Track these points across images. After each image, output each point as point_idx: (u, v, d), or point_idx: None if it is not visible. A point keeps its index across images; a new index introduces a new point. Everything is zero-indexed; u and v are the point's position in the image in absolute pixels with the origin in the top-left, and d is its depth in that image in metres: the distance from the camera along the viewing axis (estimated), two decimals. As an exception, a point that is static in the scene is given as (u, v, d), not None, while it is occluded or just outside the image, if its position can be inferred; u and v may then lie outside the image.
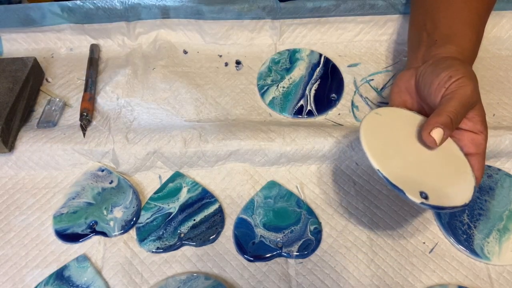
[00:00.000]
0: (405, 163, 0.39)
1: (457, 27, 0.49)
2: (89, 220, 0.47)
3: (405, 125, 0.43)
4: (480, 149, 0.42)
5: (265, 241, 0.46)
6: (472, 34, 0.49)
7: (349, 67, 0.61)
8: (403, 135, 0.42)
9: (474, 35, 0.49)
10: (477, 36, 0.50)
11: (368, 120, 0.42)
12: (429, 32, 0.50)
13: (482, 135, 0.42)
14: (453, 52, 0.46)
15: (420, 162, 0.40)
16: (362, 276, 0.44)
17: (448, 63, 0.44)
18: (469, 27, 0.49)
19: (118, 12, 0.60)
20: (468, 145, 0.42)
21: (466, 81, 0.41)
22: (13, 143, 0.50)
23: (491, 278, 0.44)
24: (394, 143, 0.41)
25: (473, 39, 0.49)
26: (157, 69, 0.59)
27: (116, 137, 0.51)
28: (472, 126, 0.42)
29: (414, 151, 0.41)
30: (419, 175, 0.39)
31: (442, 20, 0.50)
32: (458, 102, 0.40)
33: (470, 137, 0.42)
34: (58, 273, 0.44)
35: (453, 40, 0.48)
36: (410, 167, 0.39)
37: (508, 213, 0.48)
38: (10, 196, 0.49)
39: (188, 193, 0.49)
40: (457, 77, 0.41)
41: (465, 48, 0.47)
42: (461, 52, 0.47)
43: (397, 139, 0.41)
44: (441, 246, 0.46)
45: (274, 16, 0.62)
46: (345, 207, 0.49)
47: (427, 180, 0.38)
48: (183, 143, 0.50)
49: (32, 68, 0.55)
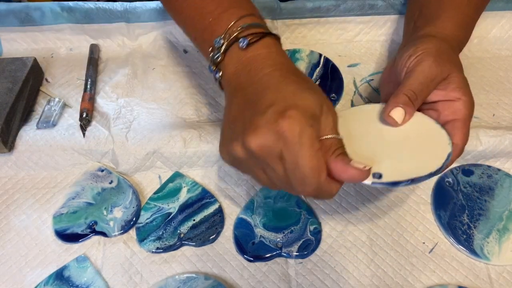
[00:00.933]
0: (367, 152, 0.38)
1: (441, 11, 0.48)
2: (89, 220, 0.47)
3: (369, 117, 0.42)
4: (458, 114, 0.40)
5: (265, 241, 0.46)
6: (457, 14, 0.48)
7: (349, 67, 0.61)
8: (366, 127, 0.41)
9: (460, 16, 0.48)
10: (463, 17, 0.48)
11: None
12: (415, 21, 0.50)
13: (460, 101, 0.40)
14: (428, 31, 0.46)
15: (387, 146, 0.39)
16: (362, 276, 0.44)
17: (413, 42, 0.43)
18: (454, 9, 0.48)
19: (118, 13, 0.60)
20: (444, 113, 0.41)
21: (424, 57, 0.41)
22: (12, 143, 0.50)
23: (491, 278, 0.44)
24: (356, 137, 0.40)
25: (458, 19, 0.48)
26: (157, 69, 0.59)
27: (116, 137, 0.51)
28: (446, 94, 0.41)
29: (380, 138, 0.40)
30: (382, 159, 0.38)
31: (429, 8, 0.50)
32: (415, 79, 0.40)
33: (446, 105, 0.41)
34: (58, 273, 0.44)
35: (433, 22, 0.47)
36: (372, 154, 0.38)
37: (508, 213, 0.48)
38: (10, 196, 0.49)
39: (188, 193, 0.49)
40: (416, 55, 0.41)
41: (445, 27, 0.46)
42: (439, 31, 0.46)
43: (359, 132, 0.41)
44: (441, 246, 0.46)
45: (274, 16, 0.62)
46: (345, 207, 0.49)
47: (392, 161, 0.38)
48: (183, 143, 0.50)
49: (31, 68, 0.55)
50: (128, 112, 0.54)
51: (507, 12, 0.62)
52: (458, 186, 0.50)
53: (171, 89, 0.57)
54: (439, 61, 0.41)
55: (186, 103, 0.56)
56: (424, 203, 0.49)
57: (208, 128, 0.52)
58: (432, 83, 0.41)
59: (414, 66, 0.41)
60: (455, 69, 0.42)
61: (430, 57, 0.41)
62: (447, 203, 0.49)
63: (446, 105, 0.41)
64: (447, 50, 0.43)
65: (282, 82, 0.35)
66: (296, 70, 0.38)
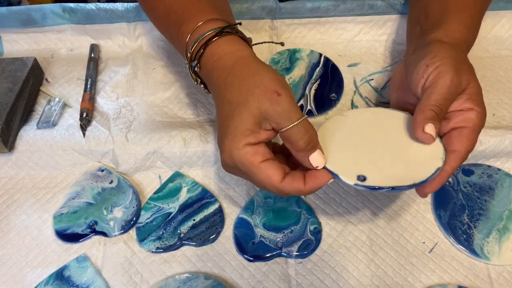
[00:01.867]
0: (359, 157, 0.39)
1: (448, 13, 0.48)
2: (89, 220, 0.47)
3: (373, 121, 0.42)
4: (468, 123, 0.39)
5: (265, 241, 0.46)
6: (464, 16, 0.47)
7: (349, 67, 0.61)
8: (367, 131, 0.41)
9: (467, 17, 0.47)
10: (471, 18, 0.48)
11: (330, 122, 0.42)
12: (421, 24, 0.50)
13: (473, 112, 0.40)
14: (439, 36, 0.45)
15: (380, 151, 0.39)
16: (362, 276, 0.44)
17: (428, 49, 0.42)
18: (461, 11, 0.48)
19: (119, 13, 0.60)
20: (455, 120, 0.40)
21: (444, 68, 0.40)
22: (13, 143, 0.50)
23: (491, 278, 0.44)
24: (353, 139, 0.40)
25: (466, 21, 0.47)
26: (157, 69, 0.59)
27: (116, 137, 0.51)
28: (460, 104, 0.40)
29: (375, 143, 0.40)
30: (373, 163, 0.38)
31: (434, 10, 0.49)
32: (439, 95, 0.39)
33: (458, 113, 0.40)
34: (58, 273, 0.44)
35: (441, 25, 0.46)
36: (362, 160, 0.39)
37: (508, 213, 0.48)
38: (10, 196, 0.49)
39: (188, 193, 0.49)
40: (435, 66, 0.40)
41: (455, 30, 0.46)
42: (449, 34, 0.45)
43: (358, 135, 0.41)
44: (441, 246, 0.46)
45: (273, 16, 0.62)
46: (345, 207, 0.49)
47: (380, 166, 0.38)
48: (183, 143, 0.50)
49: (32, 68, 0.55)
50: (128, 112, 0.54)
51: (507, 12, 0.62)
52: (458, 186, 0.50)
53: (171, 89, 0.57)
54: (459, 72, 0.40)
55: (186, 103, 0.56)
56: (424, 203, 0.49)
57: (208, 128, 0.52)
58: (454, 96, 0.40)
59: (435, 79, 0.40)
60: (473, 79, 0.41)
61: (451, 69, 0.40)
62: (447, 203, 0.49)
63: (458, 113, 0.40)
64: (464, 59, 0.43)
65: (220, 106, 0.39)
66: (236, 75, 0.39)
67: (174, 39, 0.47)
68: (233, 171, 0.40)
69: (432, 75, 0.40)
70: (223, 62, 0.40)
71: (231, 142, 0.37)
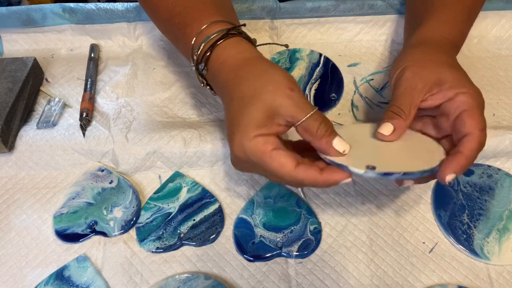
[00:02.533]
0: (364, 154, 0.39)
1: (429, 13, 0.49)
2: (89, 220, 0.47)
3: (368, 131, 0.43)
4: (463, 106, 0.39)
5: (265, 241, 0.46)
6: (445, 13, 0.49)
7: (349, 66, 0.61)
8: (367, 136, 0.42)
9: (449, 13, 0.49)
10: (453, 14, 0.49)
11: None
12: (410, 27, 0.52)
13: (460, 95, 0.40)
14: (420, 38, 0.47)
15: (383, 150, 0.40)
16: (362, 276, 0.44)
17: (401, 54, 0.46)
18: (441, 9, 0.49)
19: (119, 13, 0.60)
20: (451, 112, 0.40)
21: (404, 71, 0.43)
22: (13, 143, 0.50)
23: (491, 278, 0.44)
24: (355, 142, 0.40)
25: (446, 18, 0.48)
26: (157, 69, 0.59)
27: (116, 137, 0.51)
28: (443, 95, 0.40)
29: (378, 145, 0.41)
30: (379, 158, 0.38)
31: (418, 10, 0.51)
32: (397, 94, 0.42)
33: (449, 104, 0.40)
34: (58, 273, 0.44)
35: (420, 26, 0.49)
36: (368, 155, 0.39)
37: (508, 213, 0.48)
38: (10, 196, 0.49)
39: (188, 193, 0.49)
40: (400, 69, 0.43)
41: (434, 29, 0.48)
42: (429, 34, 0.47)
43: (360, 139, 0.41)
44: (441, 246, 0.46)
45: (273, 16, 0.62)
46: (345, 207, 0.49)
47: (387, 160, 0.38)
48: (183, 143, 0.50)
49: (31, 68, 0.55)
50: (128, 112, 0.54)
51: (507, 11, 0.62)
52: (458, 186, 0.50)
53: (171, 89, 0.57)
54: (416, 70, 0.42)
55: (186, 103, 0.56)
56: (424, 203, 0.49)
57: (208, 128, 0.52)
58: (415, 91, 0.41)
59: (396, 81, 0.43)
60: (445, 69, 0.42)
61: (408, 69, 0.42)
62: (447, 203, 0.49)
63: (449, 104, 0.40)
64: (432, 56, 0.44)
65: (229, 104, 0.39)
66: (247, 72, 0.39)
67: (179, 41, 0.47)
68: (244, 166, 0.40)
69: (395, 78, 0.43)
70: (230, 63, 0.40)
71: (242, 134, 0.37)
